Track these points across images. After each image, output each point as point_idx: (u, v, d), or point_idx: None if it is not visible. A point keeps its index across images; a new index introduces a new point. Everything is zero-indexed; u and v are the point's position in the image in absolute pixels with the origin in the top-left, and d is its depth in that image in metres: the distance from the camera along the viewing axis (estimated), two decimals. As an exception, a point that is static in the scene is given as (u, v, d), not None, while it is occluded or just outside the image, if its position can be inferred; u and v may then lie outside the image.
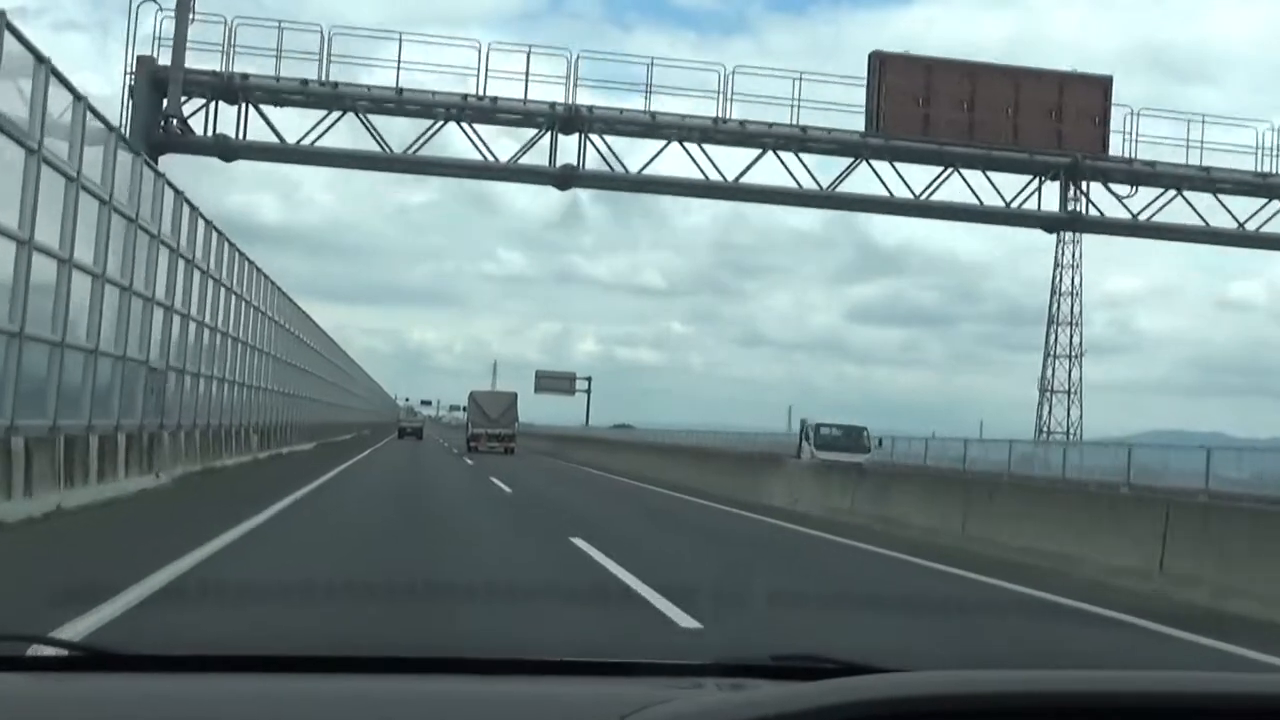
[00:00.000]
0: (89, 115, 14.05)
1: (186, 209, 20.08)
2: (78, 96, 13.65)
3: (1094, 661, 6.86)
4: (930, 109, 30.63)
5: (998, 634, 8.25)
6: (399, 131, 33.60)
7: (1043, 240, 61.83)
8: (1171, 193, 31.69)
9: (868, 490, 17.51)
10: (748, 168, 30.21)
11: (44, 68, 12.29)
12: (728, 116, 29.48)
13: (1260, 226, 32.22)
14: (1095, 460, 36.58)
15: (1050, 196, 31.76)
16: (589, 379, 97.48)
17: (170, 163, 25.86)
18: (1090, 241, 63.66)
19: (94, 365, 14.70)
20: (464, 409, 63.54)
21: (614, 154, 29.95)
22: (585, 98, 29.73)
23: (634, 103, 29.82)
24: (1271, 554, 9.39)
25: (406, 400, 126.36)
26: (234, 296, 25.07)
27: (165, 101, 27.65)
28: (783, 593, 9.09)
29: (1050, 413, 68.18)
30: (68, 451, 13.14)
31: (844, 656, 2.01)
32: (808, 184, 30.74)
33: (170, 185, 18.78)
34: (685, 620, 7.10)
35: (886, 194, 31.00)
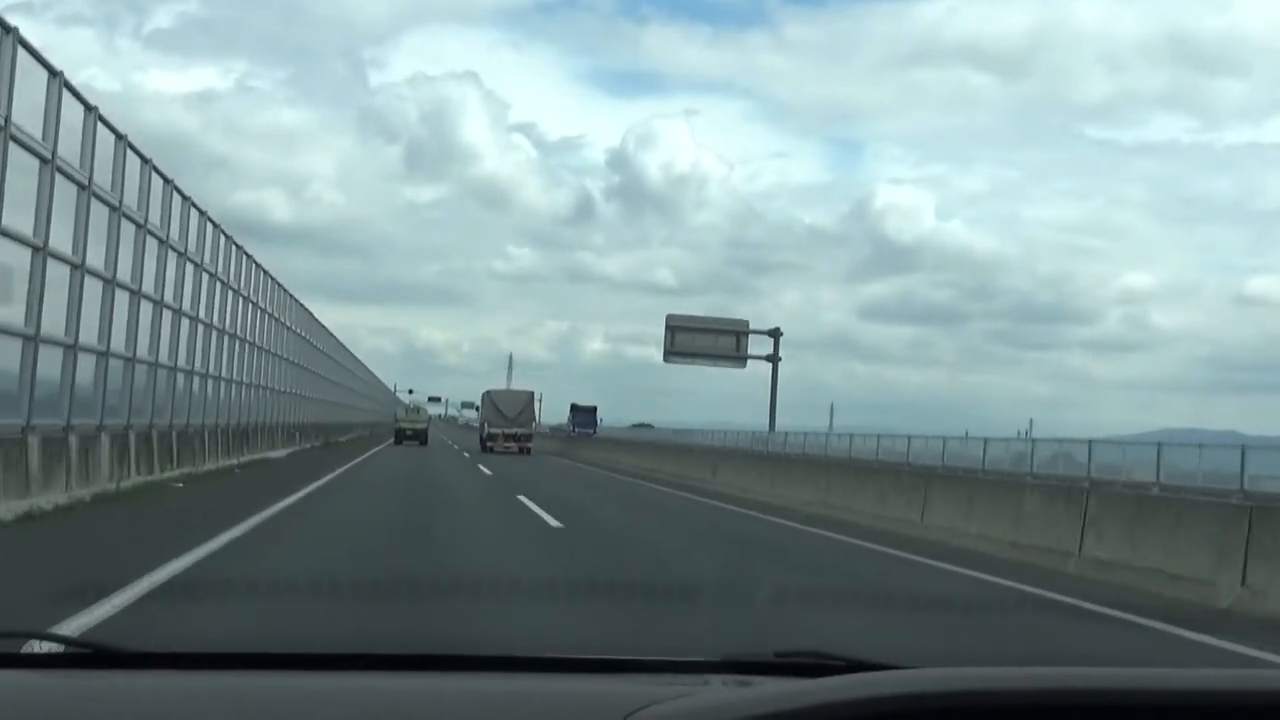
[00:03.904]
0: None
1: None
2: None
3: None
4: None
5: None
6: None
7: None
8: None
9: None
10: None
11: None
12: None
13: None
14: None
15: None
16: (777, 334, 55.39)
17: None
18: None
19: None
20: (478, 407, 62.32)
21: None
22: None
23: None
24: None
25: (411, 393, 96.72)
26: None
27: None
28: None
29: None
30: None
31: (849, 654, 2.02)
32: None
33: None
34: None
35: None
